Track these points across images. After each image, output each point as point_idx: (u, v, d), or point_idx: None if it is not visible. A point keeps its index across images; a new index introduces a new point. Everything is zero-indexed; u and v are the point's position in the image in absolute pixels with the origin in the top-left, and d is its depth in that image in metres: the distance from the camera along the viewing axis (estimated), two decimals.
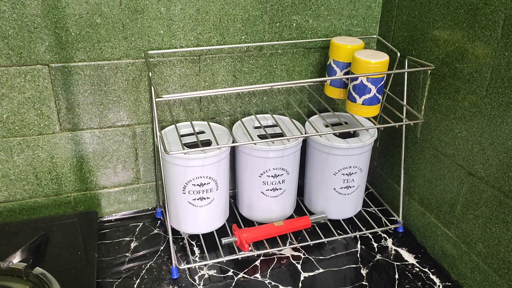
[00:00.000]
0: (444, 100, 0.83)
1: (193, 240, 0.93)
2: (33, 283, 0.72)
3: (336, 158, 0.92)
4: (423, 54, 0.87)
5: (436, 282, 0.85)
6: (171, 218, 0.93)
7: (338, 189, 0.95)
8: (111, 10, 0.82)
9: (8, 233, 0.87)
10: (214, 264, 0.87)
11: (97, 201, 0.98)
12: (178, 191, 0.87)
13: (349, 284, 0.84)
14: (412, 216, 0.97)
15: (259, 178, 0.91)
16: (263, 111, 1.01)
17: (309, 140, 0.96)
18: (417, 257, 0.91)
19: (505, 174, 0.71)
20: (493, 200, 0.75)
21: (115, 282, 0.83)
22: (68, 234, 0.88)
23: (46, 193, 0.94)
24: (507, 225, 0.72)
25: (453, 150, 0.82)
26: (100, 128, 0.91)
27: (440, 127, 0.85)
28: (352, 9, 0.97)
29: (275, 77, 0.98)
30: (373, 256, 0.91)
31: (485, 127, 0.74)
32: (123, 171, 0.97)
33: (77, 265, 0.80)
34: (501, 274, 0.75)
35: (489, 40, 0.71)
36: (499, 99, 0.71)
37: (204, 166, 0.85)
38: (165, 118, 0.96)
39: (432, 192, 0.89)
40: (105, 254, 0.89)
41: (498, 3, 0.68)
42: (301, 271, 0.86)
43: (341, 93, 0.91)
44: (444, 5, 0.79)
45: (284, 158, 0.90)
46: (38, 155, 0.90)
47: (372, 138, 0.93)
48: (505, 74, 0.69)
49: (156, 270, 0.86)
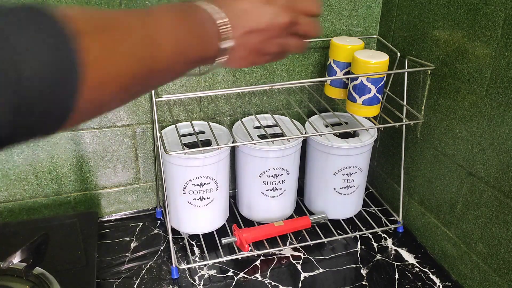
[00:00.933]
0: (444, 100, 0.83)
1: (193, 240, 0.93)
2: (33, 283, 0.72)
3: (336, 158, 0.92)
4: (423, 54, 0.87)
5: (436, 282, 0.85)
6: (171, 218, 0.93)
7: (338, 189, 0.95)
8: None
9: (8, 233, 0.87)
10: (214, 264, 0.87)
11: (97, 201, 0.98)
12: (178, 191, 0.87)
13: (349, 284, 0.84)
14: (412, 216, 0.97)
15: (259, 178, 0.91)
16: (263, 111, 1.01)
17: (309, 140, 0.96)
18: (417, 257, 0.91)
19: (505, 174, 0.71)
20: (493, 200, 0.75)
21: (115, 282, 0.83)
22: (68, 234, 0.88)
23: (46, 193, 0.94)
24: (507, 225, 0.72)
25: (453, 150, 0.82)
26: (100, 128, 0.91)
27: (440, 127, 0.85)
28: (352, 9, 0.97)
29: (275, 77, 0.98)
30: (373, 256, 0.91)
31: (485, 127, 0.74)
32: (123, 171, 0.97)
33: (77, 265, 0.80)
34: (501, 274, 0.75)
35: (489, 40, 0.71)
36: (499, 99, 0.71)
37: (204, 166, 0.85)
38: (165, 118, 0.95)
39: (432, 192, 0.89)
40: (105, 254, 0.89)
41: (498, 3, 0.68)
42: (301, 271, 0.86)
43: (341, 93, 0.91)
44: (444, 5, 0.79)
45: (284, 158, 0.90)
46: (38, 155, 0.90)
47: (372, 138, 0.93)
48: (505, 74, 0.69)
49: (156, 270, 0.86)
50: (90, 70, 0.30)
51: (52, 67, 0.28)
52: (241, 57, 0.45)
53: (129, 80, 0.35)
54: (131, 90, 0.37)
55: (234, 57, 0.44)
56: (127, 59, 0.34)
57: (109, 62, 0.33)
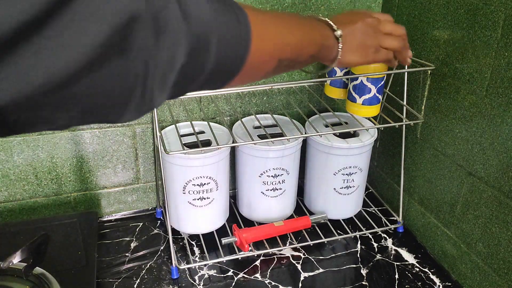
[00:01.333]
0: (444, 100, 0.83)
1: (193, 240, 0.93)
2: (33, 283, 0.72)
3: (336, 158, 0.92)
4: (423, 54, 0.87)
5: (436, 282, 0.85)
6: (171, 218, 0.93)
7: (338, 189, 0.95)
8: None
9: (8, 233, 0.87)
10: (214, 264, 0.87)
11: (97, 201, 0.98)
12: (178, 191, 0.87)
13: (349, 284, 0.84)
14: (412, 216, 0.97)
15: (259, 178, 0.91)
16: (263, 111, 1.01)
17: (309, 140, 0.96)
18: (417, 257, 0.91)
19: (505, 174, 0.71)
20: (493, 200, 0.75)
21: (115, 282, 0.83)
22: (68, 234, 0.88)
23: (46, 193, 0.94)
24: (507, 225, 0.72)
25: (453, 150, 0.82)
26: (100, 128, 0.91)
27: (440, 127, 0.85)
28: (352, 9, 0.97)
29: (275, 77, 0.98)
30: (373, 256, 0.91)
31: (485, 127, 0.74)
32: (123, 171, 0.97)
33: (77, 265, 0.80)
34: (501, 274, 0.75)
35: (489, 40, 0.71)
36: (499, 99, 0.71)
37: (204, 166, 0.85)
38: (165, 118, 0.95)
39: (432, 192, 0.89)
40: (105, 254, 0.89)
41: (498, 3, 0.68)
42: (301, 271, 0.86)
43: (341, 93, 0.91)
44: (444, 5, 0.79)
45: (284, 158, 0.90)
46: (38, 155, 0.90)
47: (372, 138, 0.93)
48: (505, 74, 0.69)
49: (156, 270, 0.86)
50: (254, 40, 0.42)
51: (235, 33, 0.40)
52: (351, 48, 0.59)
53: (276, 53, 0.48)
54: (275, 64, 0.49)
55: (346, 48, 0.58)
56: (275, 38, 0.47)
57: (264, 37, 0.45)
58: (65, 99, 0.29)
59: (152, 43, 0.32)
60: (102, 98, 0.31)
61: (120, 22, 0.29)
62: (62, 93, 0.28)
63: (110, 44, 0.29)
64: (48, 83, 0.27)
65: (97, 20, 0.28)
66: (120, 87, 0.31)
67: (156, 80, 0.34)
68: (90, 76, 0.29)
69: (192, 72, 0.39)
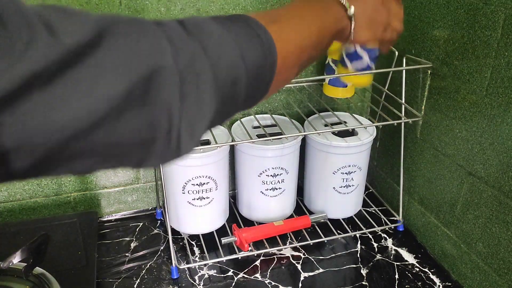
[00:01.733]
0: (444, 100, 0.83)
1: (193, 240, 0.93)
2: (33, 283, 0.72)
3: (335, 157, 0.92)
4: (423, 54, 0.87)
5: (436, 282, 0.85)
6: (171, 218, 0.93)
7: (338, 188, 0.95)
8: (111, 10, 0.82)
9: (8, 233, 0.87)
10: (214, 264, 0.87)
11: (97, 201, 0.99)
12: (177, 191, 0.87)
13: (349, 284, 0.84)
14: (412, 216, 0.97)
15: (259, 177, 0.91)
16: (263, 111, 1.01)
17: (308, 139, 0.95)
18: (417, 257, 0.91)
19: (505, 174, 0.71)
20: (493, 200, 0.75)
21: (115, 282, 0.83)
22: (68, 234, 0.88)
23: (46, 193, 0.94)
24: (507, 225, 0.72)
25: (453, 150, 0.82)
26: None
27: (440, 127, 0.85)
28: None
29: None
30: (373, 256, 0.91)
31: (485, 127, 0.74)
32: (123, 171, 0.97)
33: (77, 265, 0.80)
34: (501, 274, 0.75)
35: (489, 40, 0.71)
36: (499, 99, 0.71)
37: (203, 166, 0.85)
38: None
39: (432, 192, 0.89)
40: (105, 254, 0.89)
41: (498, 3, 0.68)
42: (301, 271, 0.86)
43: (339, 92, 0.91)
44: (444, 5, 0.79)
45: (283, 157, 0.90)
46: None
47: (371, 137, 0.93)
48: (505, 74, 0.69)
49: (156, 270, 0.86)
50: (279, 61, 0.42)
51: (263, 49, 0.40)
52: (362, 25, 0.58)
53: (298, 61, 0.47)
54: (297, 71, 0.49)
55: (357, 25, 0.57)
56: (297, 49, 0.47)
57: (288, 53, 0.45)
58: (85, 146, 0.29)
59: (177, 97, 0.32)
60: (122, 147, 0.31)
61: (142, 74, 0.29)
62: (85, 139, 0.28)
63: (131, 96, 0.29)
64: (69, 129, 0.27)
65: (119, 71, 0.28)
66: (140, 138, 0.32)
67: (183, 131, 0.34)
68: (110, 126, 0.29)
69: (223, 116, 0.40)
